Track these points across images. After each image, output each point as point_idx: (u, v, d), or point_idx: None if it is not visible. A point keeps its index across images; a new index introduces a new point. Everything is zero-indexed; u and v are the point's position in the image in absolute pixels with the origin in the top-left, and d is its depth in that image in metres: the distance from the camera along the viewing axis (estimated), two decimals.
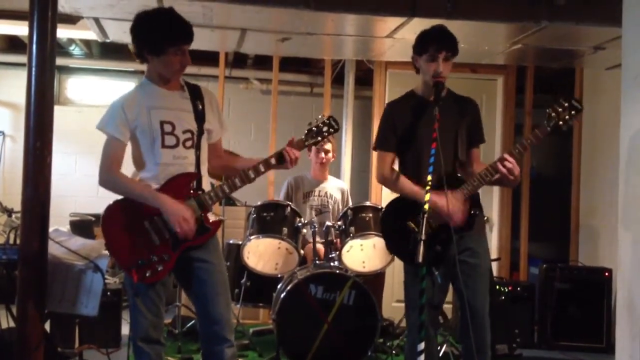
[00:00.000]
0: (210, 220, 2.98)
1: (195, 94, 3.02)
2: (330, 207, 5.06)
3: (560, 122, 2.91)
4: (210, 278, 2.97)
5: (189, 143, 2.95)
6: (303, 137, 3.09)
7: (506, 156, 2.93)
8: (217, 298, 2.97)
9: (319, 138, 3.11)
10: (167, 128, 2.91)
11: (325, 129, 3.10)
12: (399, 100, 3.32)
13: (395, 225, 3.09)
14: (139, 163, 2.95)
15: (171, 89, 2.97)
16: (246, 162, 3.06)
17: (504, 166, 2.92)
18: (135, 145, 2.93)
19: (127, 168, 3.00)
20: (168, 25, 2.86)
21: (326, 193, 5.09)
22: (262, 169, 2.98)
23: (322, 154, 5.01)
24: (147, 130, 2.88)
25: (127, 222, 2.87)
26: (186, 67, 2.94)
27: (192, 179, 2.94)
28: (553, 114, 2.91)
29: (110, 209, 2.90)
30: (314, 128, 3.11)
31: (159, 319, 2.98)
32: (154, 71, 2.95)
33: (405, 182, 3.14)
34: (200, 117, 2.99)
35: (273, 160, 3.00)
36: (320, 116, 3.17)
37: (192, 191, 2.93)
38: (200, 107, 3.00)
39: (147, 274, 2.84)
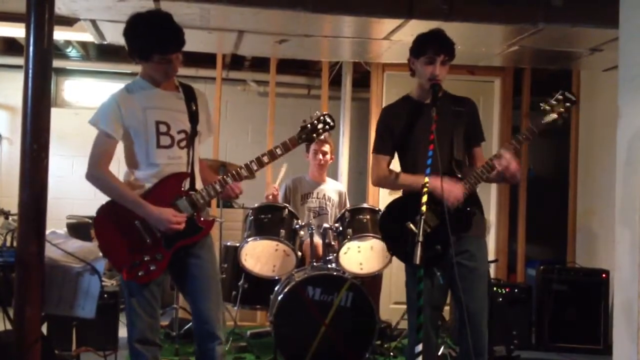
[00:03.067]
0: (202, 219, 2.98)
1: (189, 95, 3.02)
2: (329, 209, 5.06)
3: (556, 115, 2.92)
4: (201, 274, 2.99)
5: (183, 143, 2.95)
6: (296, 134, 3.09)
7: (502, 152, 2.94)
8: (207, 294, 2.98)
9: (314, 135, 3.11)
10: (162, 128, 2.91)
11: (320, 126, 3.10)
12: (394, 104, 3.33)
13: (395, 226, 3.09)
14: (132, 163, 2.94)
15: (166, 89, 2.97)
16: (213, 177, 3.06)
17: (500, 163, 2.93)
18: (129, 145, 2.92)
19: (121, 168, 3.00)
20: (156, 32, 2.84)
21: (324, 195, 5.09)
22: (255, 167, 3.01)
23: (320, 156, 5.00)
24: (142, 130, 2.88)
25: (119, 223, 2.87)
26: (174, 73, 2.94)
27: (184, 179, 2.94)
28: (547, 108, 2.93)
29: (102, 209, 2.90)
30: (308, 125, 3.10)
31: (155, 320, 2.98)
32: (147, 72, 2.95)
33: (405, 175, 3.15)
34: (194, 118, 2.99)
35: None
36: (315, 113, 3.15)
37: (183, 191, 2.93)
38: (194, 108, 3.00)
39: (140, 274, 2.85)
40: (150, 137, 2.88)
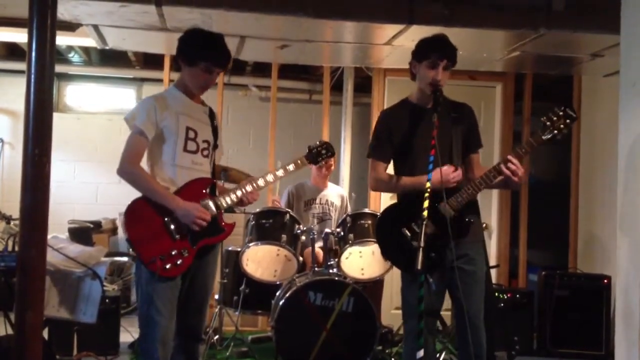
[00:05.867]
0: (224, 222, 3.16)
1: (211, 113, 3.27)
2: (332, 214, 5.06)
3: (556, 131, 2.93)
4: (203, 279, 3.18)
5: (205, 152, 3.16)
6: (304, 155, 3.43)
7: (510, 157, 2.94)
8: (203, 299, 3.19)
9: (319, 159, 3.48)
10: (191, 134, 3.09)
11: (323, 152, 3.48)
12: (393, 108, 3.33)
13: (391, 232, 3.10)
14: (157, 161, 3.08)
15: (196, 102, 3.19)
16: (221, 188, 3.33)
17: (508, 168, 2.92)
18: (159, 144, 3.06)
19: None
20: (209, 44, 3.08)
21: (327, 200, 5.09)
22: (271, 180, 3.26)
23: (325, 170, 5.04)
24: (174, 132, 3.04)
25: (149, 217, 2.98)
26: (208, 87, 3.15)
27: (208, 184, 3.13)
28: (548, 123, 2.94)
29: (133, 204, 3.01)
30: (313, 150, 3.46)
31: (173, 321, 3.04)
32: (183, 82, 3.14)
33: (408, 178, 3.14)
34: (215, 132, 3.24)
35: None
36: (317, 142, 3.53)
37: (207, 194, 3.11)
38: (215, 124, 3.26)
39: (168, 266, 2.95)
40: (179, 140, 3.05)
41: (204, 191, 3.09)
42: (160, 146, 3.05)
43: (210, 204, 3.07)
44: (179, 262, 2.97)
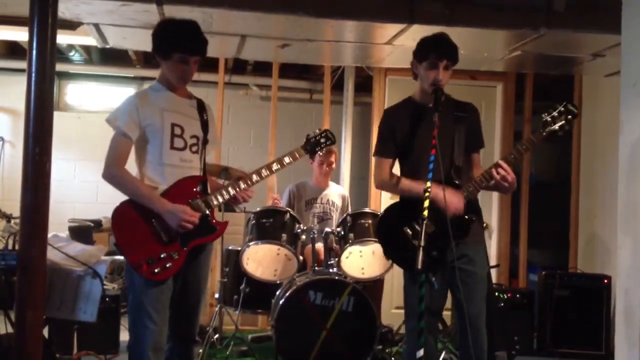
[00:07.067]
0: (215, 221, 3.09)
1: (200, 105, 3.17)
2: (333, 214, 5.06)
3: (556, 127, 2.93)
4: (197, 279, 3.11)
5: (194, 148, 3.07)
6: (302, 145, 3.33)
7: (500, 162, 2.95)
8: (198, 300, 3.13)
9: (317, 148, 3.38)
10: (177, 131, 3.01)
11: (322, 140, 3.37)
12: (397, 107, 3.33)
13: (393, 231, 3.10)
14: (144, 162, 3.01)
15: (180, 96, 3.09)
16: (217, 185, 3.25)
17: (498, 173, 2.93)
18: (144, 144, 2.99)
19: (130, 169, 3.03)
20: (181, 33, 2.98)
21: (328, 200, 5.09)
22: (266, 174, 3.16)
23: (326, 167, 5.03)
24: (159, 130, 2.97)
25: (137, 221, 2.92)
26: (188, 79, 3.05)
27: (199, 182, 3.05)
28: (548, 119, 2.95)
29: (120, 208, 2.95)
30: (312, 138, 3.36)
31: (166, 325, 2.99)
32: (164, 76, 3.06)
33: (407, 182, 3.14)
34: (205, 126, 3.13)
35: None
36: (317, 130, 3.43)
37: (198, 192, 3.03)
38: (205, 117, 3.15)
39: (157, 270, 2.89)
40: (165, 138, 2.98)
41: (194, 189, 3.02)
42: (146, 146, 2.98)
43: (201, 203, 3.00)
44: (168, 265, 2.90)
